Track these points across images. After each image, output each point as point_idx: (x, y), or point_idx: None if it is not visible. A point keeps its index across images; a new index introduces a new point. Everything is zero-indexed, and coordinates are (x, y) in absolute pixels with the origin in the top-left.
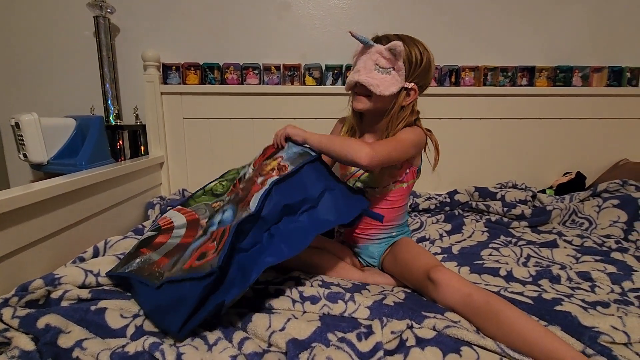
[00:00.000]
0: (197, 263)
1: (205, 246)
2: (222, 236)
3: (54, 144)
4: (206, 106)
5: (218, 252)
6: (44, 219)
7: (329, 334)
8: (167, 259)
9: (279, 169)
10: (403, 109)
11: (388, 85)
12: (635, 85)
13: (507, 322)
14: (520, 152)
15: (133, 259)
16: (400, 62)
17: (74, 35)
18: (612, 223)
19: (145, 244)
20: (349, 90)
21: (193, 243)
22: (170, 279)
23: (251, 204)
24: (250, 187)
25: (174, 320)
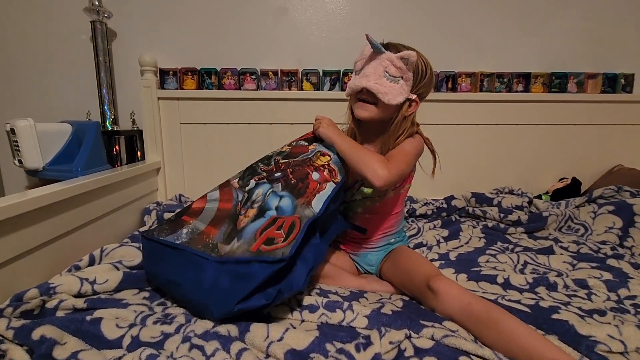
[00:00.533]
0: (265, 247)
1: (271, 232)
2: (292, 228)
3: (49, 149)
4: (203, 111)
5: (289, 242)
6: (39, 226)
7: (328, 345)
8: (215, 229)
9: (330, 172)
10: (405, 119)
11: (396, 94)
12: (630, 91)
13: (506, 331)
14: (517, 158)
15: (179, 228)
16: (410, 73)
17: (70, 40)
18: (607, 229)
19: (185, 212)
20: (351, 95)
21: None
22: (239, 259)
23: (314, 203)
24: (305, 179)
25: (237, 293)
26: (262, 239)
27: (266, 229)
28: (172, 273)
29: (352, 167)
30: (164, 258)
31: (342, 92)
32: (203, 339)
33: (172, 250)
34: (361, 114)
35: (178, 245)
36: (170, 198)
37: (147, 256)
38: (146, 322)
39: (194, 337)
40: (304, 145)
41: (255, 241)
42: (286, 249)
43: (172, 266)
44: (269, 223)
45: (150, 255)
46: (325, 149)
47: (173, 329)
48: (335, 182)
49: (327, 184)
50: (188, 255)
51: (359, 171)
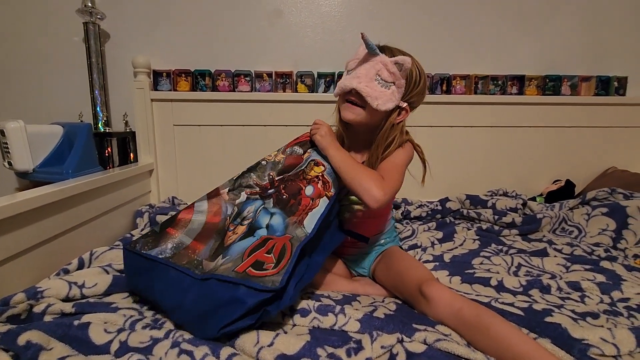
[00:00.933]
0: (254, 272)
1: (260, 254)
2: (283, 253)
3: (40, 151)
4: (197, 113)
5: (279, 270)
6: (28, 229)
7: (319, 349)
8: (202, 244)
9: (324, 184)
10: (393, 127)
11: (386, 100)
12: (623, 94)
13: (497, 336)
14: (511, 160)
15: (164, 242)
16: (403, 80)
17: (62, 41)
18: (601, 231)
19: (170, 223)
20: (339, 95)
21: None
22: (223, 277)
23: (307, 222)
24: (298, 195)
25: (221, 317)
26: (250, 260)
27: (256, 249)
28: (153, 288)
29: (346, 184)
30: (146, 272)
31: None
32: (192, 344)
33: (154, 264)
34: (347, 116)
35: (161, 260)
36: (163, 200)
37: (128, 268)
38: (135, 327)
39: (183, 343)
40: (298, 155)
41: (243, 261)
42: (277, 277)
43: (154, 281)
44: (258, 244)
45: (132, 268)
46: (319, 157)
47: (162, 334)
48: (329, 197)
49: (320, 200)
50: (170, 271)
51: (353, 189)
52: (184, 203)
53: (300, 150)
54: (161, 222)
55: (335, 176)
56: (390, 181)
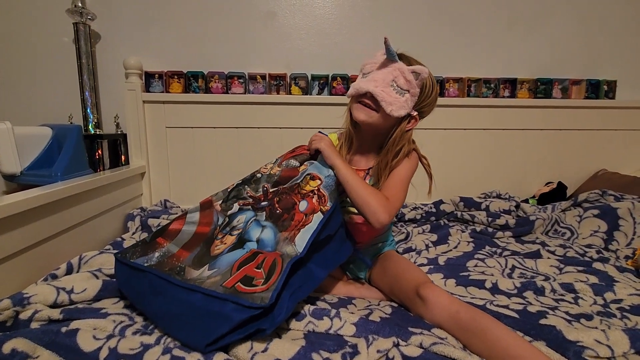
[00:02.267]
0: (243, 288)
1: (250, 269)
2: (273, 269)
3: (28, 153)
4: (190, 115)
5: (269, 286)
6: (15, 233)
7: (314, 354)
8: (187, 252)
9: (320, 198)
10: (402, 135)
11: (400, 106)
12: (612, 97)
13: (493, 339)
14: (504, 162)
15: (152, 251)
16: (417, 89)
17: (52, 42)
18: (592, 233)
19: (161, 233)
20: (352, 96)
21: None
22: (211, 292)
23: (298, 240)
24: (291, 209)
25: (207, 333)
26: (239, 275)
27: (245, 263)
28: (140, 296)
29: (351, 199)
30: (133, 281)
31: (330, 96)
32: (184, 350)
33: (140, 273)
34: (360, 117)
35: (145, 267)
36: (155, 203)
37: (119, 277)
38: (125, 333)
39: (174, 349)
40: (294, 168)
41: (231, 276)
42: (266, 294)
43: (139, 289)
44: (248, 257)
45: (121, 277)
46: (316, 170)
47: (153, 340)
48: (324, 212)
49: (314, 217)
50: (153, 278)
51: (358, 207)
52: (176, 206)
53: (297, 163)
54: (154, 230)
55: (334, 188)
56: (396, 202)
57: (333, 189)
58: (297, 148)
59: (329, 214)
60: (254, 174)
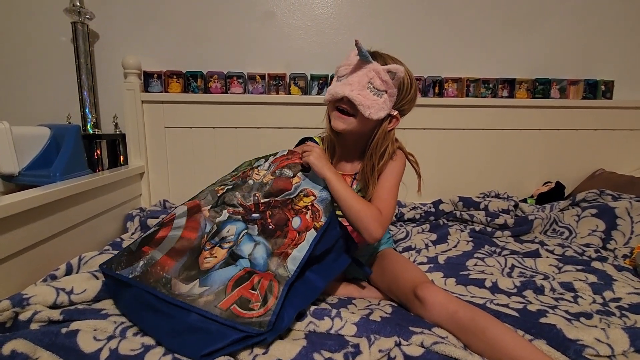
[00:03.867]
0: (240, 312)
1: (245, 290)
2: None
3: (26, 154)
4: (189, 115)
5: (266, 311)
6: (14, 234)
7: (315, 354)
8: (172, 261)
9: (314, 213)
10: (385, 136)
11: (378, 109)
12: (610, 97)
13: (493, 339)
14: (502, 162)
15: (136, 261)
16: (395, 88)
17: (50, 41)
18: (591, 232)
19: (148, 241)
20: (330, 102)
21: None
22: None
23: (290, 263)
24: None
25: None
26: (234, 296)
27: (240, 283)
28: (131, 309)
29: (344, 213)
30: (120, 293)
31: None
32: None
33: (126, 286)
34: (338, 126)
35: (130, 280)
36: (154, 204)
37: (107, 288)
38: (126, 334)
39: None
40: (287, 179)
41: (226, 296)
42: (264, 318)
43: (129, 303)
44: (242, 276)
45: (110, 288)
46: (309, 186)
47: (154, 341)
48: (318, 228)
49: (307, 234)
50: (139, 292)
51: (351, 222)
52: (175, 207)
53: (290, 173)
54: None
55: (328, 201)
56: (388, 214)
57: (328, 203)
58: (292, 155)
59: (322, 230)
60: (245, 179)
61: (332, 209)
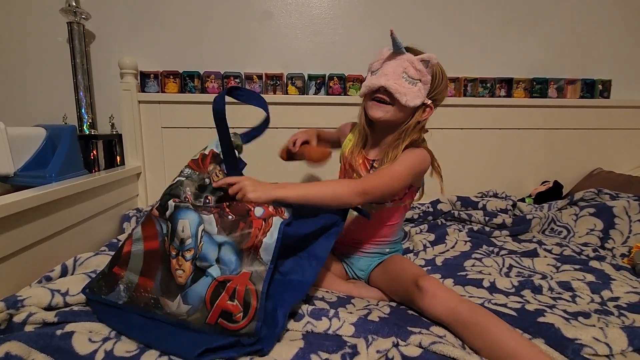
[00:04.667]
0: (227, 324)
1: (223, 303)
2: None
3: (21, 154)
4: (186, 115)
5: (250, 320)
6: (8, 235)
7: (313, 355)
8: (150, 280)
9: (275, 208)
10: (417, 125)
11: (414, 96)
12: (607, 97)
13: (493, 336)
14: (500, 162)
15: (115, 284)
16: (429, 76)
17: (46, 41)
18: (589, 231)
19: (116, 260)
20: (365, 94)
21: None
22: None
23: (263, 252)
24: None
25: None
26: (216, 311)
27: (215, 296)
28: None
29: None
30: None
31: (327, 96)
32: None
33: (117, 309)
34: (376, 114)
35: (121, 306)
36: (151, 204)
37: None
38: (121, 336)
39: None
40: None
41: (209, 312)
42: (250, 326)
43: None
44: (215, 287)
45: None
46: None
47: None
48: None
49: (274, 219)
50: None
51: (333, 204)
52: None
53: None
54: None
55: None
56: (370, 186)
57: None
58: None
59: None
60: (202, 176)
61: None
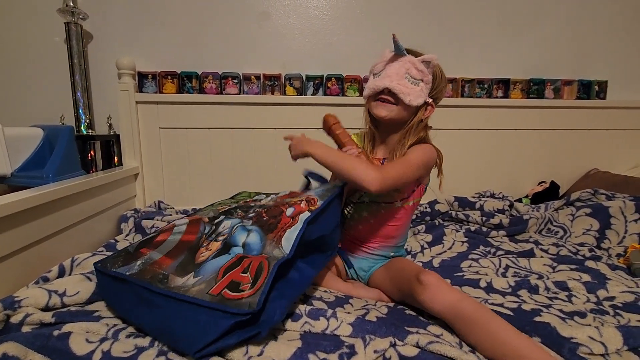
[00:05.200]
0: (229, 294)
1: (236, 274)
2: (259, 272)
3: (19, 155)
4: (184, 116)
5: (256, 290)
6: (6, 236)
7: (310, 355)
8: (170, 259)
9: (308, 202)
10: (420, 123)
11: (417, 96)
12: (603, 97)
13: (494, 330)
14: (497, 162)
15: (133, 261)
16: (430, 76)
17: (43, 42)
18: (585, 231)
19: (146, 244)
20: (369, 96)
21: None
22: (197, 301)
23: (284, 242)
24: (278, 215)
25: (195, 340)
26: (225, 281)
27: (231, 269)
28: (126, 306)
29: (342, 176)
30: (116, 291)
31: (325, 97)
32: (179, 353)
33: (122, 282)
34: (381, 113)
35: (127, 277)
36: (149, 205)
37: (100, 288)
38: (119, 336)
39: (169, 352)
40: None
41: (217, 282)
42: (254, 298)
43: (124, 299)
44: (234, 262)
45: (103, 287)
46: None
47: (147, 343)
48: (312, 210)
49: (300, 216)
50: (136, 288)
51: (351, 179)
52: (170, 207)
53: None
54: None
55: (324, 193)
56: (392, 168)
57: (324, 193)
58: (294, 194)
59: (317, 211)
60: (248, 204)
61: (331, 198)
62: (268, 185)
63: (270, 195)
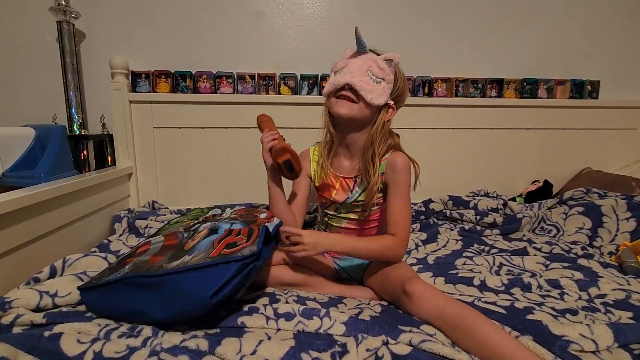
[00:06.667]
0: (228, 251)
1: (230, 239)
2: (251, 233)
3: (10, 155)
4: (178, 115)
5: (252, 241)
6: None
7: (303, 354)
8: (160, 257)
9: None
10: (383, 127)
11: (379, 94)
12: (596, 97)
13: (480, 335)
14: (491, 161)
15: (121, 268)
16: (392, 75)
17: (35, 40)
18: (577, 230)
19: (129, 256)
20: (329, 92)
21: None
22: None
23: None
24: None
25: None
26: (221, 245)
27: (223, 238)
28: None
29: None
30: (108, 298)
31: (320, 96)
32: (171, 353)
33: (115, 286)
34: (341, 110)
35: (121, 276)
36: (142, 205)
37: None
38: (110, 337)
39: (162, 352)
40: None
41: (214, 249)
42: (252, 246)
43: (121, 297)
44: (225, 234)
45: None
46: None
47: (139, 343)
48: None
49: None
50: (133, 279)
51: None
52: (164, 207)
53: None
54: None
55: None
56: (405, 235)
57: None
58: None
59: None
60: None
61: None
62: (263, 185)
63: (226, 209)
